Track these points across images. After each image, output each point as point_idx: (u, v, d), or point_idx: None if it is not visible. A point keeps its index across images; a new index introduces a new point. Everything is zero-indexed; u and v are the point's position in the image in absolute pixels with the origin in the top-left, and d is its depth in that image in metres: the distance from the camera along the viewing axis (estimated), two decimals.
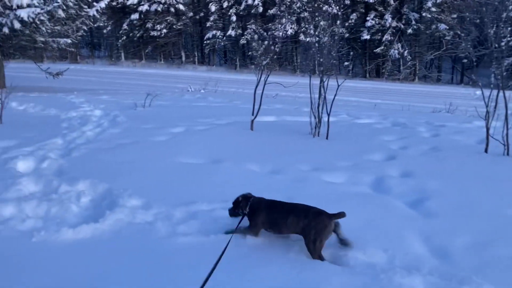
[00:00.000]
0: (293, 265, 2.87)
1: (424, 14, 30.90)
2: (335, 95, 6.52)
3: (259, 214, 3.17)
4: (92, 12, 15.74)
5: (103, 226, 3.34)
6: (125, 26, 36.49)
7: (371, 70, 34.36)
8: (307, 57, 36.82)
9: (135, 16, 35.46)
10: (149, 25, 35.69)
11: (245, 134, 6.70)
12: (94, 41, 45.81)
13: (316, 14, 31.94)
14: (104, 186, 4.15)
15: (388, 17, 31.34)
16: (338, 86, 6.38)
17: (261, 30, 33.50)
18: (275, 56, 8.28)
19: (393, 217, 3.76)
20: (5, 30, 13.15)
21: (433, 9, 30.15)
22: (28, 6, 13.22)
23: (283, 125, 7.83)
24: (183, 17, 36.56)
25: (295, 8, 31.94)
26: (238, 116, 8.54)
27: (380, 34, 31.87)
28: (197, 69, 36.54)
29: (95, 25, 17.55)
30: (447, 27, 30.15)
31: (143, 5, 35.06)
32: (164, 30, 35.48)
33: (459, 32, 27.54)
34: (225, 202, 3.76)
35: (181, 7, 35.36)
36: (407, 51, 31.39)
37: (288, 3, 32.66)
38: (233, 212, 3.35)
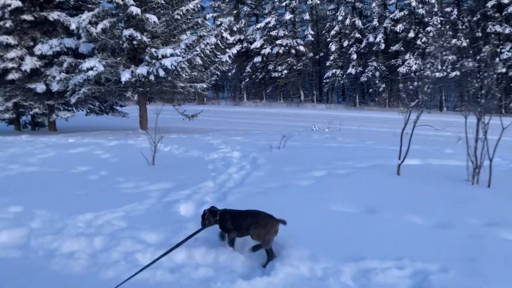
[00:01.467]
0: None
1: None
2: (499, 139, 5.88)
3: (227, 222, 3.90)
4: (225, 58, 16.75)
5: (275, 279, 3.25)
6: (248, 68, 38.45)
7: (507, 105, 31.37)
8: (431, 93, 34.90)
9: (258, 59, 37.26)
10: (270, 66, 37.18)
11: (393, 180, 6.32)
12: (218, 83, 48.86)
13: (444, 48, 30.41)
14: None
15: None
16: (503, 128, 5.75)
17: (382, 67, 32.81)
18: (426, 97, 7.83)
19: None
20: (151, 77, 14.54)
21: None
22: (171, 55, 14.51)
23: (431, 170, 7.26)
24: (303, 58, 37.43)
25: (420, 43, 30.77)
26: (377, 158, 8.18)
27: None
28: (315, 107, 36.84)
29: (226, 69, 18.60)
30: None
31: (265, 48, 36.75)
32: (285, 71, 36.61)
33: None
34: (398, 260, 3.47)
35: (301, 48, 36.33)
36: None
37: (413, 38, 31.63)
38: (203, 223, 3.99)
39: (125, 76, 14.54)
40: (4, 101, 18.07)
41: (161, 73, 14.29)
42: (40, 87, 17.78)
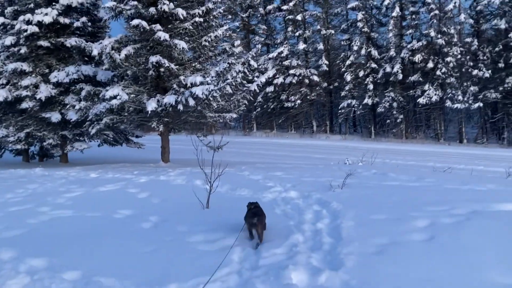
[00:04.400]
0: None
1: None
2: None
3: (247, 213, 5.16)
4: (253, 87, 15.78)
5: None
6: (259, 98, 37.63)
7: None
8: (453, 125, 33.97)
9: (270, 88, 36.48)
10: (283, 96, 36.38)
11: None
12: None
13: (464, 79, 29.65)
14: None
15: None
16: None
17: (400, 97, 32.00)
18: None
19: None
20: (180, 107, 13.50)
21: None
22: (201, 83, 13.52)
23: None
24: (317, 88, 36.69)
25: (440, 74, 30.00)
26: (468, 202, 6.87)
27: None
28: (330, 138, 35.86)
29: (252, 98, 17.59)
30: None
31: (278, 78, 36.02)
32: (298, 101, 35.79)
33: None
34: None
35: (315, 78, 35.61)
36: None
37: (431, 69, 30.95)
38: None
39: (151, 105, 13.50)
40: (16, 131, 16.99)
41: (191, 102, 13.26)
42: (55, 117, 16.79)
